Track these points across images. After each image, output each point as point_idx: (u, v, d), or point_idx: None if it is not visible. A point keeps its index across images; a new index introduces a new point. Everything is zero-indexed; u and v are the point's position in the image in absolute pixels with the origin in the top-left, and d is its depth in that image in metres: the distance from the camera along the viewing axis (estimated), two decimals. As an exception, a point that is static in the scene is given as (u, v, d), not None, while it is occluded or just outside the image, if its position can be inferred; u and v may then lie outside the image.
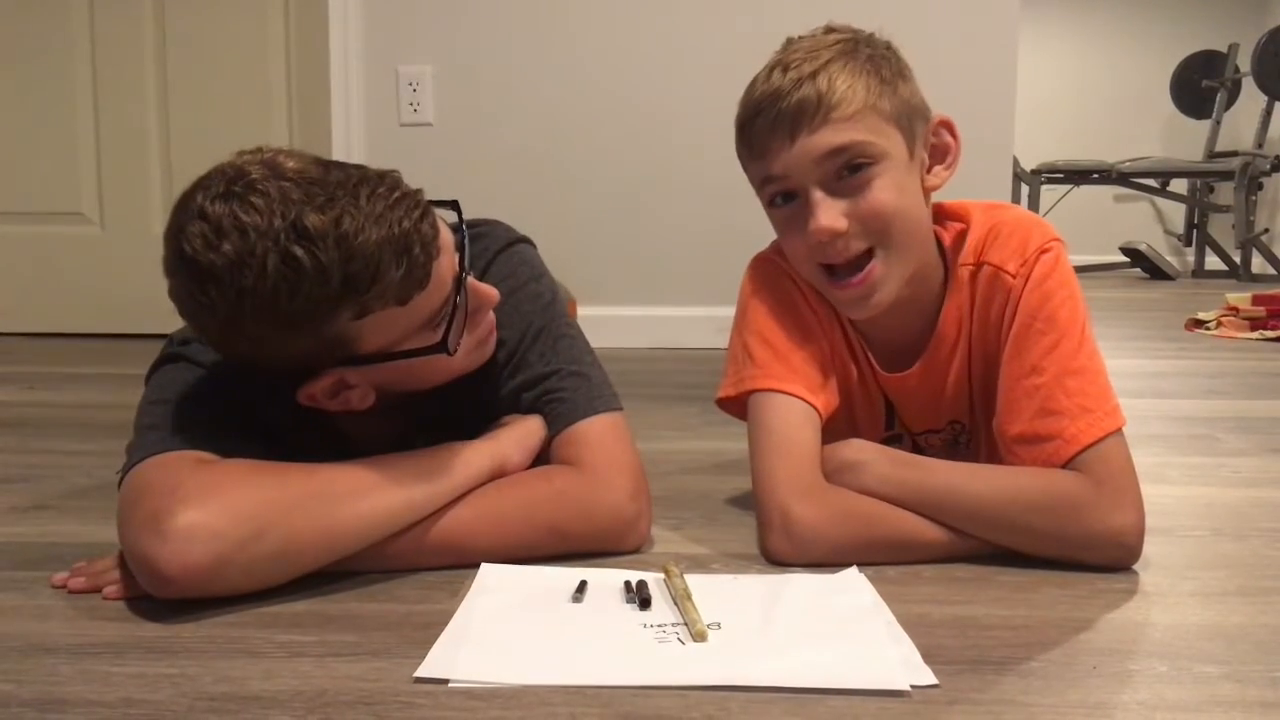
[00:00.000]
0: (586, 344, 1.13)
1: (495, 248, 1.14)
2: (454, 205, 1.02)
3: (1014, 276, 1.06)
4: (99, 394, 2.05)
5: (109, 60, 2.78)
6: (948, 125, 1.09)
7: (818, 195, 1.02)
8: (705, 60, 2.66)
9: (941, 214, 1.12)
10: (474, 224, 1.11)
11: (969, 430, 1.17)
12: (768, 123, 1.02)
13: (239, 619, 0.85)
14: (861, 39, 1.06)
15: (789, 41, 1.08)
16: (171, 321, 0.95)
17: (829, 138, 1.00)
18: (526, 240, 1.17)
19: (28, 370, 2.33)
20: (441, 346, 0.97)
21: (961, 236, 1.10)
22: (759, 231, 1.21)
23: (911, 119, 1.05)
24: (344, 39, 2.69)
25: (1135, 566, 0.99)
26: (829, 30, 1.07)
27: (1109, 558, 0.98)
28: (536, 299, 1.12)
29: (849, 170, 1.01)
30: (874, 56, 1.04)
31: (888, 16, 1.13)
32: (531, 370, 1.09)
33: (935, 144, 1.08)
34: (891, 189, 1.02)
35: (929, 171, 1.08)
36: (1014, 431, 1.02)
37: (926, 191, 1.08)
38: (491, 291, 1.04)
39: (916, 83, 1.07)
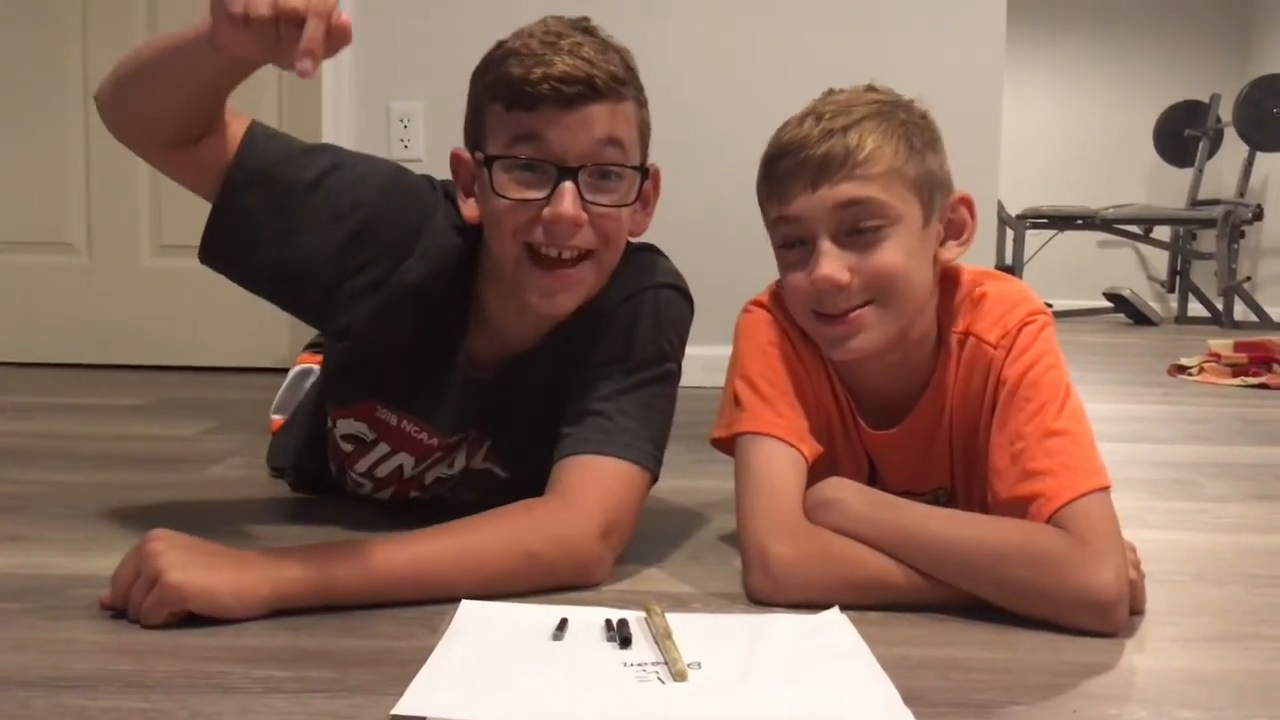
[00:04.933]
0: (668, 411, 1.17)
1: (652, 282, 1.17)
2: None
3: (994, 347, 1.07)
4: (82, 424, 2.04)
5: (101, 92, 2.79)
6: (967, 203, 1.10)
7: (825, 244, 1.03)
8: (694, 104, 2.68)
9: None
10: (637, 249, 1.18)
11: (950, 497, 1.17)
12: (792, 166, 1.04)
13: (215, 654, 0.84)
14: (900, 104, 1.08)
15: (828, 92, 1.10)
16: (154, 354, 0.96)
17: (848, 190, 1.02)
18: (680, 288, 1.20)
19: (11, 400, 2.32)
20: (487, 161, 1.05)
21: (950, 302, 1.11)
22: (748, 274, 1.22)
23: (933, 190, 1.06)
24: (336, 75, 2.71)
25: (1116, 611, 0.99)
26: (869, 89, 1.09)
27: (1083, 621, 0.92)
28: (662, 339, 1.16)
29: (861, 227, 1.03)
30: (908, 123, 1.06)
31: (873, 61, 1.15)
32: (606, 387, 1.12)
33: (953, 219, 1.10)
34: (900, 251, 1.03)
35: (942, 245, 1.09)
36: (1002, 498, 1.01)
37: (937, 263, 1.09)
38: (567, 214, 1.03)
39: (945, 156, 1.09)
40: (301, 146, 1.10)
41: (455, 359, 1.16)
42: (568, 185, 1.03)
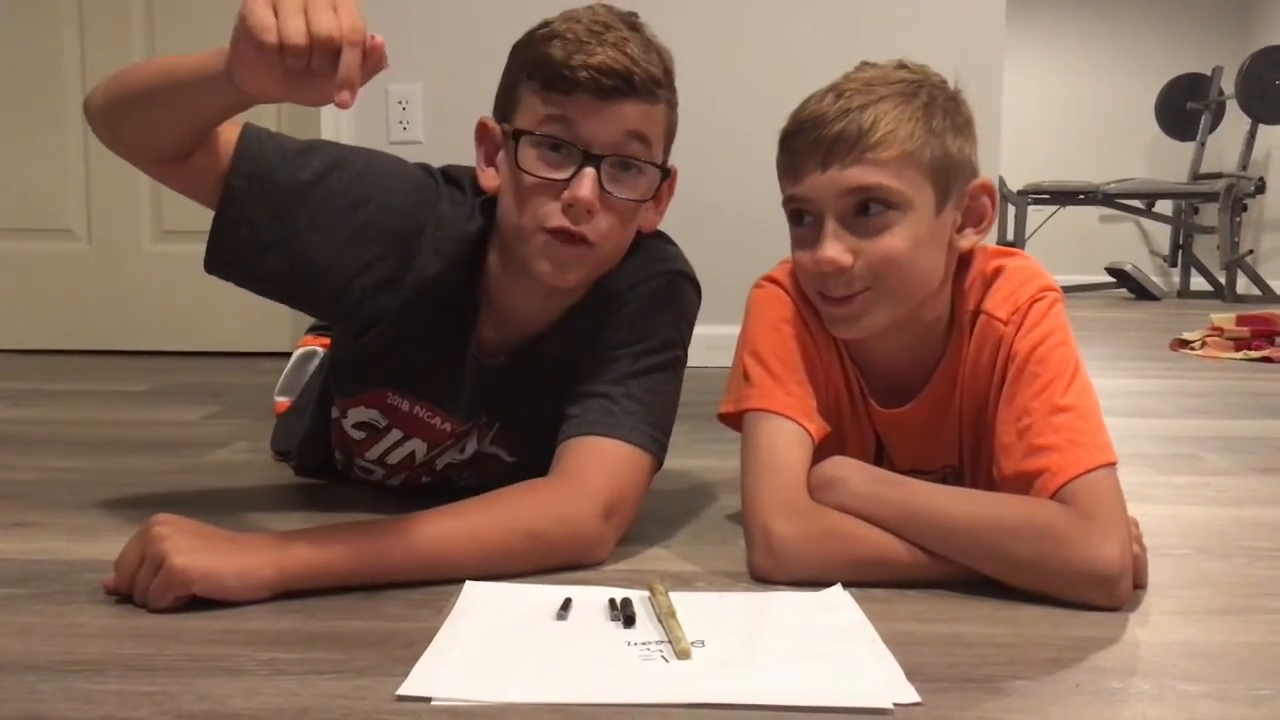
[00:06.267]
0: (674, 396, 1.17)
1: (661, 269, 1.17)
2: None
3: (1005, 324, 1.06)
4: (84, 410, 2.04)
5: (99, 77, 2.76)
6: (988, 190, 1.08)
7: (831, 226, 1.03)
8: (698, 82, 2.67)
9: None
10: (649, 237, 1.17)
11: (959, 475, 1.17)
12: (806, 144, 1.03)
13: (221, 636, 0.85)
14: (928, 84, 1.05)
15: (860, 65, 1.08)
16: (155, 340, 0.96)
17: (857, 175, 1.01)
18: (689, 276, 1.20)
19: (12, 386, 2.32)
20: (516, 135, 1.05)
21: (963, 281, 1.11)
22: (753, 253, 1.22)
23: (950, 175, 1.04)
24: (334, 57, 2.70)
25: (1119, 585, 0.99)
26: (900, 65, 1.07)
27: (1087, 596, 0.92)
28: (670, 325, 1.16)
29: (868, 210, 1.02)
30: (930, 104, 1.03)
31: (874, 35, 1.14)
32: (613, 370, 1.12)
33: (971, 206, 1.07)
34: (906, 239, 1.02)
35: (959, 231, 1.07)
36: (1007, 473, 1.01)
37: (953, 250, 1.07)
38: (585, 197, 1.03)
39: (972, 139, 1.07)
40: (297, 146, 1.09)
41: (467, 346, 1.16)
42: (589, 171, 1.03)
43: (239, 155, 1.05)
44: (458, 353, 1.16)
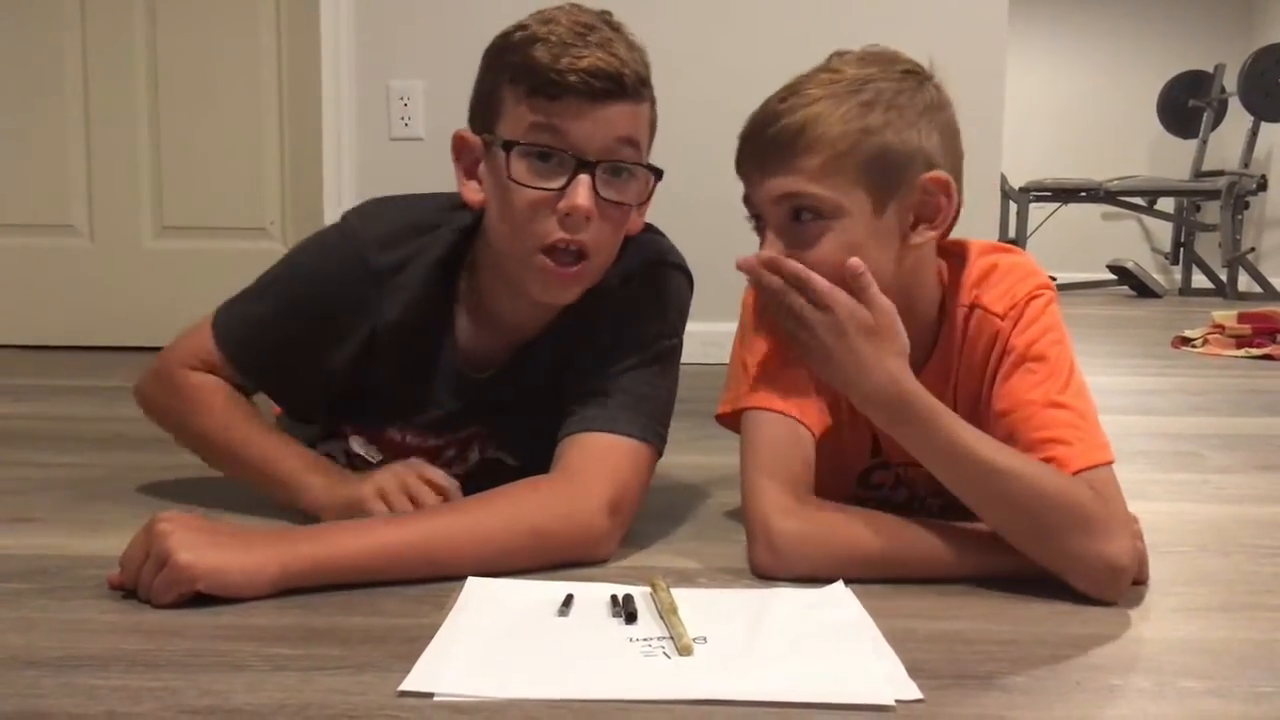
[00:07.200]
0: (671, 386, 1.17)
1: (650, 259, 1.17)
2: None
3: (1001, 318, 1.06)
4: (85, 407, 2.04)
5: (100, 73, 2.78)
6: (942, 184, 1.01)
7: (769, 235, 1.03)
8: (694, 78, 2.67)
9: (943, 251, 1.11)
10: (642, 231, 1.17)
11: None
12: (750, 150, 1.03)
13: (224, 632, 0.85)
14: (881, 76, 1.01)
15: (830, 57, 1.06)
16: (157, 336, 0.97)
17: (784, 184, 1.00)
18: (680, 266, 1.20)
19: (14, 383, 2.33)
20: (505, 146, 1.03)
21: (958, 275, 1.10)
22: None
23: (890, 173, 1.00)
24: (335, 54, 2.70)
25: (1120, 582, 0.99)
26: (861, 57, 1.04)
27: (1094, 582, 0.93)
28: (663, 315, 1.16)
29: (800, 219, 1.01)
30: (874, 101, 0.99)
31: (872, 37, 1.13)
32: (609, 365, 1.12)
33: (924, 201, 1.02)
34: (839, 248, 0.99)
35: (913, 229, 1.03)
36: None
37: (907, 247, 1.03)
38: (584, 205, 1.02)
39: (930, 127, 1.01)
40: (257, 291, 1.24)
41: (448, 365, 1.16)
42: (584, 178, 1.02)
43: (223, 354, 1.27)
44: (440, 373, 1.16)
